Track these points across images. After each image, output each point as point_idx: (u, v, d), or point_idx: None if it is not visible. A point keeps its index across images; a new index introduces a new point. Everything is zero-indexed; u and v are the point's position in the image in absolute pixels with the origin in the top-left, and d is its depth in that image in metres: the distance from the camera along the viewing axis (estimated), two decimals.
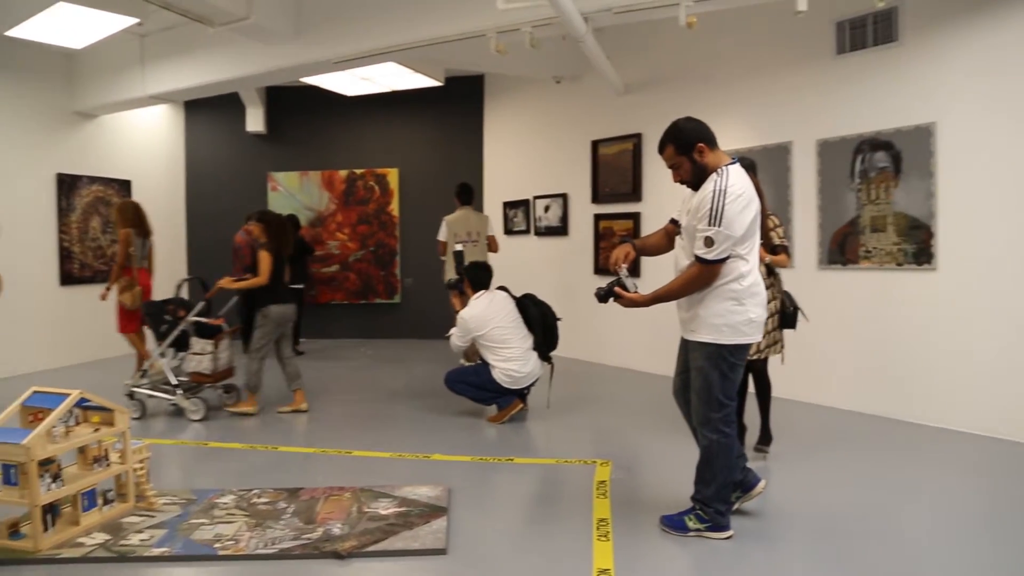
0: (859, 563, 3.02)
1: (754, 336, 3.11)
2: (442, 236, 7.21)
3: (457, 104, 9.36)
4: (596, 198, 7.65)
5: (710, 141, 3.10)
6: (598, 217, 7.64)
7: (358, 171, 9.59)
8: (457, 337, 5.38)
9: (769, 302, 4.23)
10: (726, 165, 3.06)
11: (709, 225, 2.94)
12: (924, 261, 5.01)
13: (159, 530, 3.32)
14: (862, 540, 3.23)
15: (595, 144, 7.61)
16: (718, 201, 2.93)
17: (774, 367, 4.43)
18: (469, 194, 7.27)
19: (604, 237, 7.56)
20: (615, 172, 7.40)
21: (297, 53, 6.54)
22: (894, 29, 5.15)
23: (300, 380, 5.77)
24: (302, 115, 9.63)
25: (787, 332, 4.41)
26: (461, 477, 4.12)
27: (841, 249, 5.44)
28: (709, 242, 2.95)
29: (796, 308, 4.34)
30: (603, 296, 3.26)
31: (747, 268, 3.05)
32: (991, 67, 4.69)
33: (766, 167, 5.70)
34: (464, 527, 3.39)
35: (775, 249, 4.28)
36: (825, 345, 5.46)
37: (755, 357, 4.25)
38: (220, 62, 7.01)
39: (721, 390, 3.11)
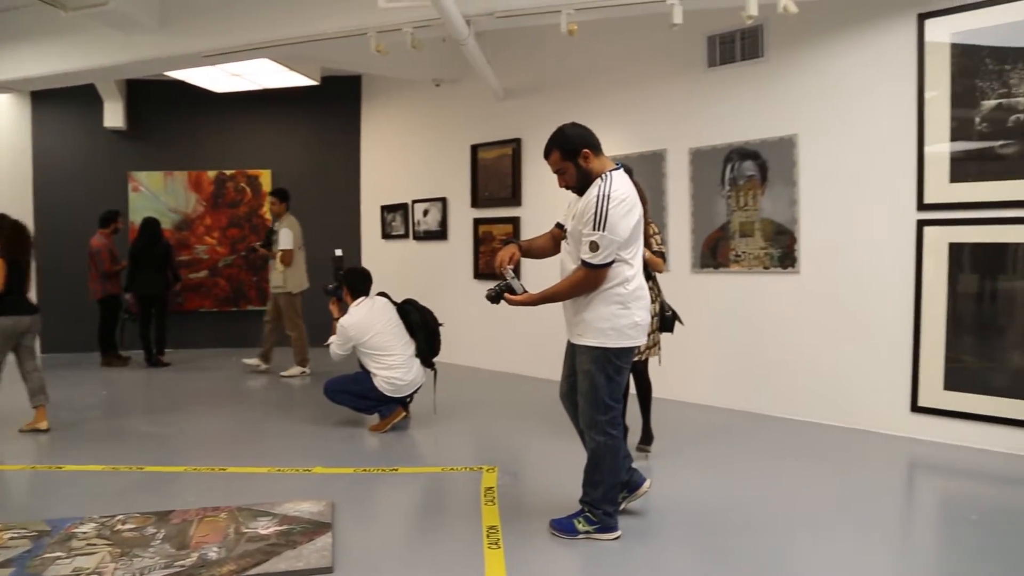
0: (738, 553, 3.14)
1: (639, 339, 3.18)
2: (287, 244, 7.01)
3: (334, 104, 9.11)
4: (476, 202, 7.65)
5: (595, 147, 3.15)
6: (478, 221, 7.64)
7: (228, 172, 9.14)
8: (337, 345, 5.21)
9: (653, 302, 4.40)
10: (610, 171, 3.11)
11: (594, 230, 2.98)
12: (788, 264, 5.32)
13: (4, 569, 2.99)
14: (740, 531, 3.38)
15: (475, 148, 7.60)
16: (602, 206, 2.97)
17: (651, 368, 4.57)
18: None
19: (484, 241, 7.56)
20: (495, 176, 7.42)
21: (161, 45, 6.15)
22: (760, 45, 5.43)
23: (43, 396, 5.25)
24: (167, 111, 9.06)
25: (664, 334, 4.56)
26: (344, 490, 3.98)
27: (713, 253, 5.69)
28: (594, 246, 2.99)
29: (673, 313, 4.50)
30: (494, 297, 3.24)
31: (632, 272, 3.11)
32: (844, 84, 5.04)
33: (642, 174, 5.85)
34: (350, 543, 3.27)
35: (655, 254, 4.43)
36: (699, 345, 5.68)
37: (636, 358, 4.37)
38: (73, 50, 6.49)
39: (607, 393, 3.16)
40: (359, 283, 5.40)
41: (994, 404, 4.50)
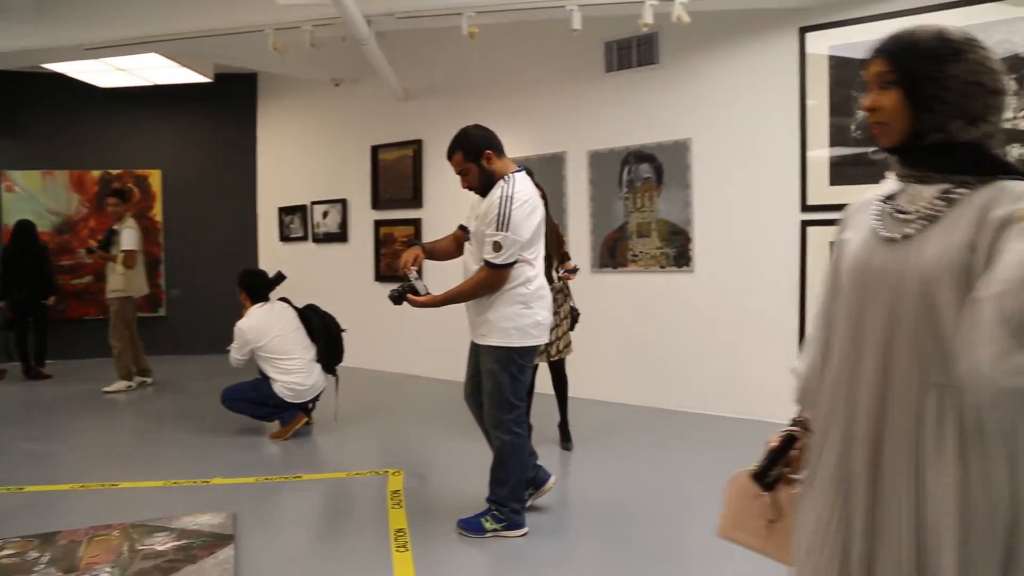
0: (643, 543, 3.26)
1: (541, 338, 3.24)
2: (131, 244, 6.64)
3: (228, 103, 8.78)
4: (376, 204, 7.57)
5: (497, 148, 3.19)
6: (379, 223, 7.57)
7: (114, 172, 8.67)
8: (235, 350, 5.05)
9: (562, 305, 4.49)
10: (513, 172, 3.17)
11: (497, 230, 3.02)
12: (684, 264, 5.53)
13: None
14: (645, 522, 3.50)
15: (375, 149, 7.53)
16: (505, 207, 3.01)
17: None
18: None
19: (385, 243, 7.50)
20: (396, 178, 7.37)
21: (38, 35, 5.80)
22: (655, 52, 5.63)
23: None
24: (45, 106, 8.49)
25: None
26: (246, 500, 3.87)
27: (611, 253, 5.85)
28: (497, 247, 3.03)
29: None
30: (396, 298, 3.23)
31: (533, 272, 3.17)
32: (734, 92, 5.30)
33: (542, 176, 5.89)
34: (254, 554, 3.19)
35: (564, 257, 4.61)
36: (601, 344, 5.82)
37: (556, 358, 4.48)
38: None
39: (512, 392, 3.20)
40: (258, 286, 5.25)
41: None
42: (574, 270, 4.63)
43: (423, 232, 7.13)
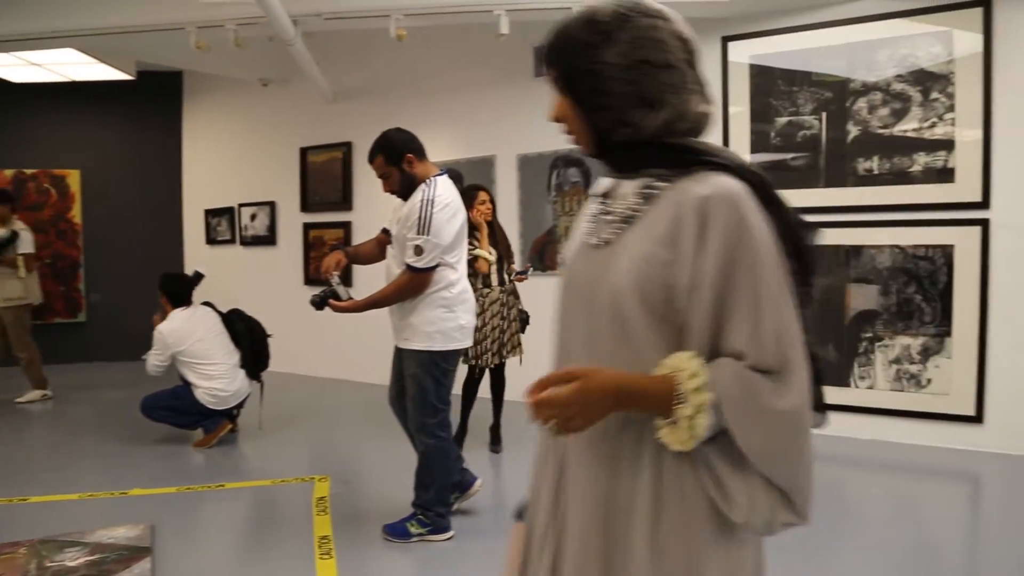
0: None
1: (465, 341, 3.26)
2: (31, 248, 6.41)
3: (152, 101, 8.51)
4: (305, 207, 7.47)
5: (419, 152, 3.19)
6: (308, 226, 7.46)
7: (28, 171, 8.31)
8: (155, 356, 4.90)
9: (512, 307, 4.54)
10: (434, 176, 3.17)
11: (418, 234, 3.02)
12: None
13: None
14: None
15: (304, 151, 7.42)
16: (426, 210, 3.02)
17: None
18: None
19: (314, 247, 7.40)
20: (325, 180, 7.28)
21: None
22: None
23: None
24: None
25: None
26: (165, 511, 3.77)
27: (541, 256, 5.91)
28: (418, 251, 3.03)
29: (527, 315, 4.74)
30: (318, 304, 3.21)
31: (456, 276, 3.19)
32: None
33: (473, 179, 5.96)
34: (172, 567, 3.11)
35: (511, 260, 4.71)
36: (531, 346, 5.82)
37: (495, 363, 4.51)
38: None
39: (436, 396, 3.20)
40: (179, 289, 5.11)
41: None
42: (525, 271, 4.71)
43: (353, 235, 7.06)
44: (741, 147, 5.09)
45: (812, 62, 4.89)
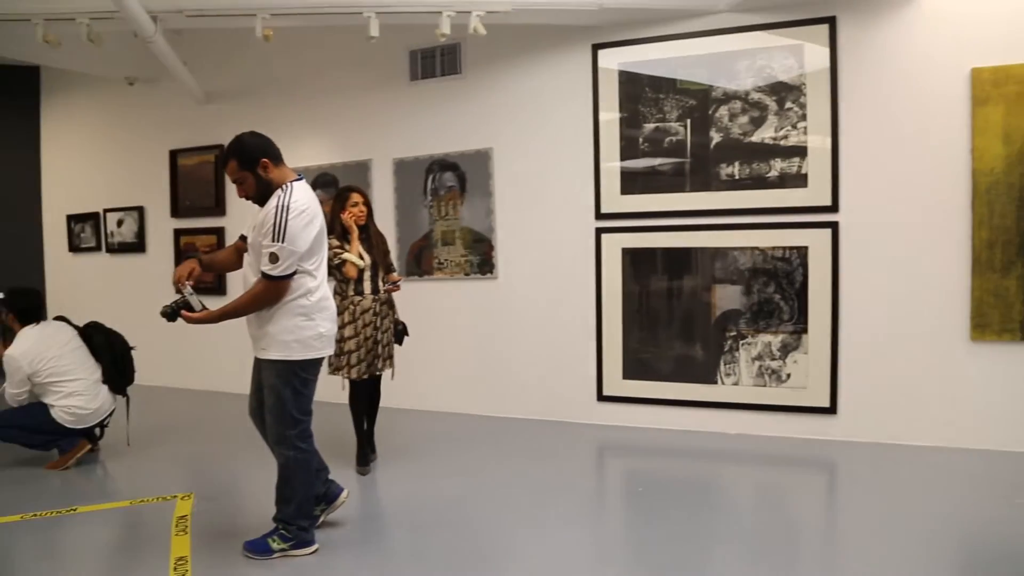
0: (438, 551, 3.28)
1: (325, 350, 3.18)
2: None
3: (5, 97, 7.93)
4: (176, 212, 7.14)
5: (274, 157, 3.09)
6: (179, 232, 7.13)
7: None
8: (12, 386, 4.50)
9: (385, 317, 4.39)
10: (291, 181, 3.08)
11: (273, 241, 2.93)
12: (487, 271, 5.65)
13: None
14: (442, 529, 3.52)
15: (174, 154, 7.10)
16: (281, 217, 2.93)
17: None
18: None
19: (187, 253, 7.07)
20: (196, 184, 6.99)
21: None
22: (458, 63, 5.70)
23: None
24: None
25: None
26: (8, 542, 3.50)
27: (418, 261, 5.86)
28: (274, 258, 2.94)
29: (404, 326, 4.57)
30: (169, 315, 3.08)
31: (315, 284, 3.11)
32: (533, 103, 5.49)
33: (348, 184, 5.87)
34: None
35: (389, 268, 4.49)
36: (408, 352, 5.76)
37: (364, 376, 4.33)
38: None
39: (295, 406, 3.11)
40: (27, 305, 4.75)
41: (662, 388, 5.16)
42: (396, 283, 4.49)
43: (226, 241, 6.80)
44: (612, 153, 5.21)
45: (677, 70, 5.06)
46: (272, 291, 3.00)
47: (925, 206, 4.61)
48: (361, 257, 4.31)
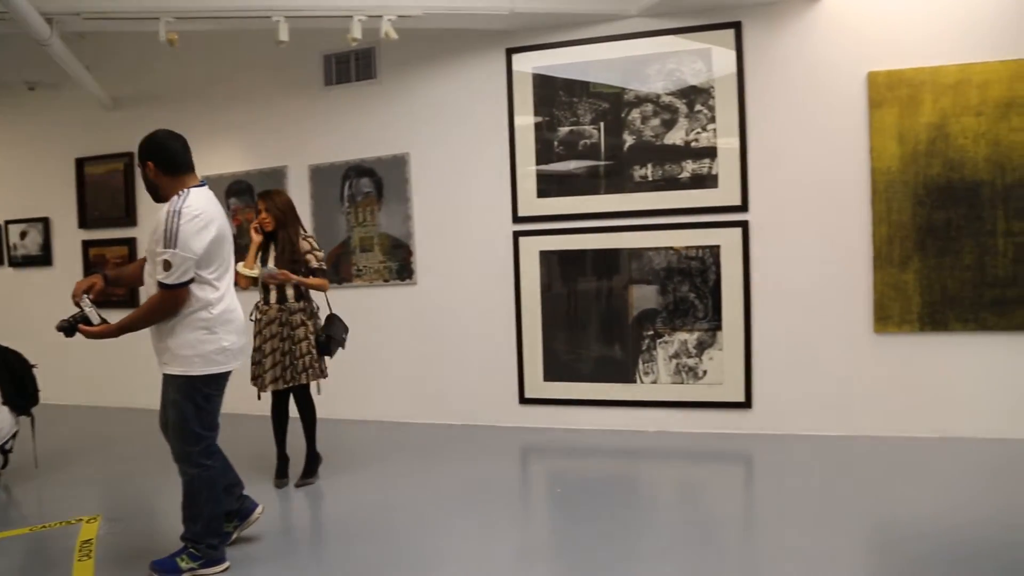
0: (357, 564, 3.23)
1: (229, 364, 3.08)
2: None
3: None
4: (84, 223, 6.86)
5: (166, 163, 3.01)
6: (87, 244, 6.85)
7: None
8: None
9: (299, 328, 4.22)
10: (192, 187, 2.99)
11: (165, 247, 2.83)
12: (406, 277, 5.61)
13: None
14: (363, 541, 3.47)
15: (80, 162, 6.81)
16: (172, 222, 2.84)
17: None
18: None
19: (96, 266, 6.81)
20: (105, 194, 6.72)
21: None
22: (374, 67, 5.65)
23: None
24: None
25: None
26: None
27: (336, 268, 5.77)
28: (167, 265, 2.84)
29: (329, 337, 4.30)
30: (67, 330, 2.95)
31: (216, 295, 3.00)
32: (449, 108, 5.48)
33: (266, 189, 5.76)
34: None
35: (314, 273, 4.26)
36: (332, 362, 5.69)
37: (276, 388, 4.19)
38: None
39: (198, 423, 3.01)
40: None
41: (583, 389, 5.20)
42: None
43: (138, 252, 6.56)
44: (528, 156, 5.24)
45: (590, 74, 5.12)
46: (169, 300, 2.89)
47: (829, 204, 4.78)
48: (253, 267, 4.18)
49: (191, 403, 2.98)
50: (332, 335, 4.33)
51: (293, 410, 4.38)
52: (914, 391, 4.69)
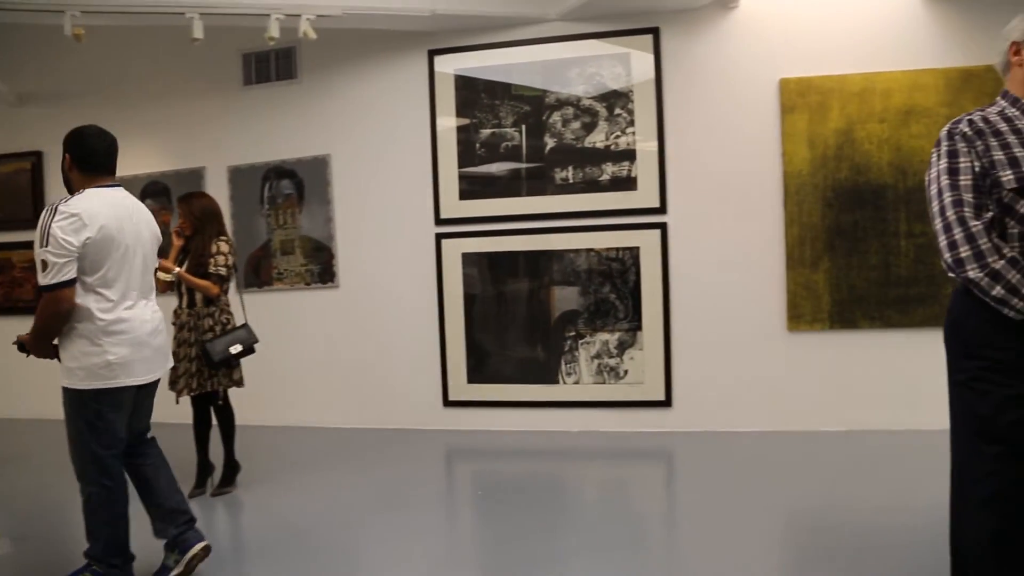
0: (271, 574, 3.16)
1: (119, 380, 2.85)
2: None
3: None
4: None
5: (82, 161, 2.90)
6: None
7: None
8: None
9: (206, 332, 4.10)
10: (96, 187, 2.88)
11: (40, 247, 2.71)
12: (328, 280, 5.53)
13: None
14: (284, 555, 3.38)
15: None
16: (46, 220, 2.72)
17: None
18: None
19: (1, 271, 6.52)
20: (10, 195, 6.42)
21: None
22: (294, 67, 5.56)
23: None
24: None
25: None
26: None
27: (256, 272, 5.66)
28: (44, 265, 2.70)
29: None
30: (19, 346, 2.95)
31: (107, 304, 2.84)
32: (371, 109, 5.42)
33: (181, 193, 5.60)
34: None
35: (207, 276, 4.11)
36: (250, 366, 5.56)
37: (192, 394, 4.08)
38: None
39: (93, 440, 2.84)
40: None
41: (506, 391, 5.22)
42: (168, 270, 4.03)
43: None
44: (450, 158, 5.23)
45: (512, 76, 5.15)
46: (51, 303, 2.74)
47: (744, 206, 4.92)
48: (169, 270, 4.07)
49: (82, 419, 2.83)
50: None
51: None
52: (824, 386, 4.86)
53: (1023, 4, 2.14)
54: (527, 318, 5.20)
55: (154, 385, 3.10)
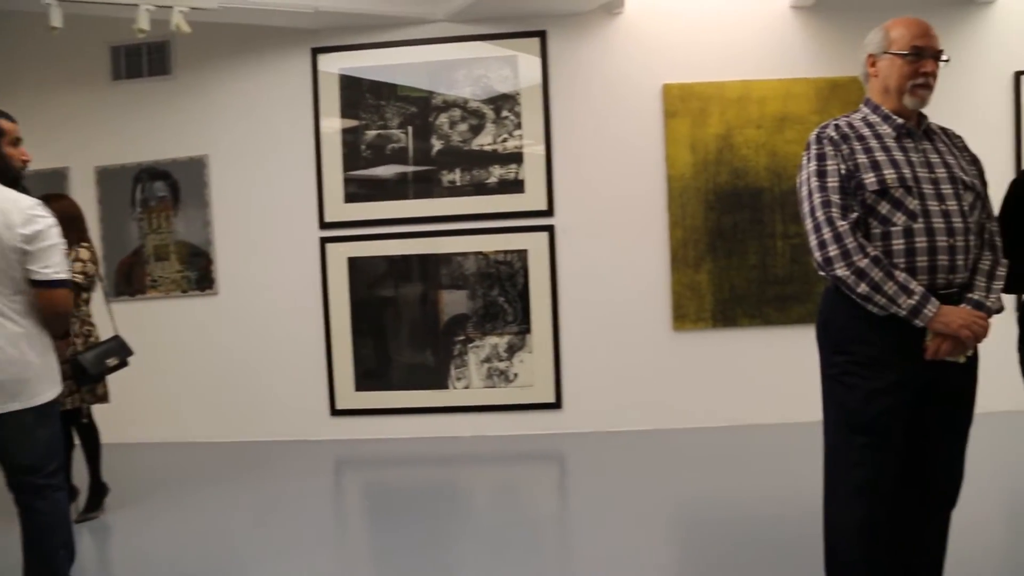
0: None
1: None
2: None
3: None
4: None
5: None
6: None
7: None
8: None
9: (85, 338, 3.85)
10: None
11: None
12: (207, 287, 5.27)
13: None
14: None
15: None
16: None
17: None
18: None
19: None
20: None
21: None
22: (168, 62, 5.28)
23: None
24: None
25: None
26: None
27: (128, 279, 5.33)
28: None
29: (79, 362, 3.67)
30: None
31: None
32: (252, 108, 5.21)
33: (40, 195, 5.22)
34: None
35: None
36: (123, 380, 5.23)
37: (68, 407, 3.72)
38: None
39: None
40: None
41: (396, 398, 5.12)
42: None
43: None
44: (334, 160, 5.09)
45: (398, 77, 5.06)
46: None
47: (630, 209, 4.99)
48: None
49: None
50: (83, 360, 3.68)
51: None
52: (709, 384, 4.99)
53: (884, 19, 2.23)
54: (416, 323, 5.11)
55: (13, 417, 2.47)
